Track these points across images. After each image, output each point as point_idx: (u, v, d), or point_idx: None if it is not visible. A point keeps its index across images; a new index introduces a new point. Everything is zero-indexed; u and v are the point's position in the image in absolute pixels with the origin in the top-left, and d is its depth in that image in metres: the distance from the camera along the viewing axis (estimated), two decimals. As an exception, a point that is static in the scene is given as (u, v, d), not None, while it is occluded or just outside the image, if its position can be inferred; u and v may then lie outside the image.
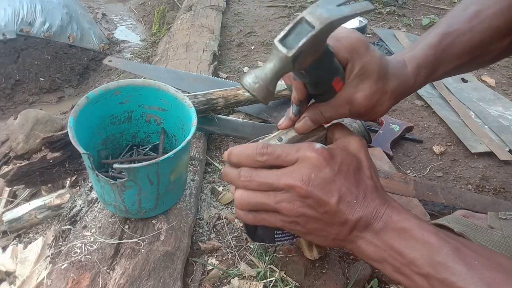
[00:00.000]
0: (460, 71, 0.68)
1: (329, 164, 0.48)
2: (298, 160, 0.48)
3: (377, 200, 0.49)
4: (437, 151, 1.10)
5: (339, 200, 0.47)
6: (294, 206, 0.48)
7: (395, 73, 0.57)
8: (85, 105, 0.79)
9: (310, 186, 0.47)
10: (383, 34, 1.83)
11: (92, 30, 2.95)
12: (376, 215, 0.48)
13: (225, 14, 2.24)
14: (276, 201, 0.49)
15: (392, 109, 1.30)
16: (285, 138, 0.58)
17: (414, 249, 0.45)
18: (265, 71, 0.47)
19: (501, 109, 1.30)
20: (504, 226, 0.63)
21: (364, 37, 0.58)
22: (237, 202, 0.52)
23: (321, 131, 0.60)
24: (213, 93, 1.10)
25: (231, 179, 0.53)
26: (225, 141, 1.16)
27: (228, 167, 0.54)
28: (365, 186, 0.50)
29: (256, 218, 0.52)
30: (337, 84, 0.55)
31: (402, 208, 0.50)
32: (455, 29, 0.61)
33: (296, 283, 0.71)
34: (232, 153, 0.52)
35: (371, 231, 0.48)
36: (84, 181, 0.97)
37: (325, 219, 0.48)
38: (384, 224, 0.48)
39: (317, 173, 0.47)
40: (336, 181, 0.47)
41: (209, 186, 0.98)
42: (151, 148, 0.95)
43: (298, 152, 0.49)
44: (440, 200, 0.89)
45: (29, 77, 2.55)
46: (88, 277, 0.68)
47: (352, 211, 0.48)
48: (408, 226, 0.47)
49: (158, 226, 0.78)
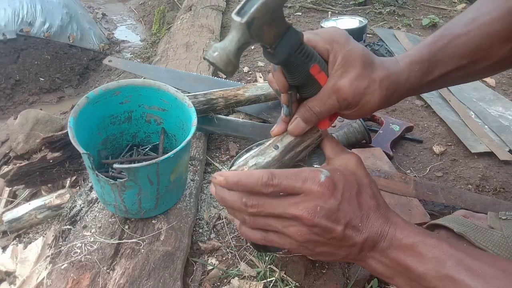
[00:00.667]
0: (462, 78, 0.66)
1: (333, 194, 0.49)
2: (304, 193, 0.49)
3: (380, 219, 0.50)
4: (437, 151, 1.10)
5: (346, 226, 0.48)
6: (302, 233, 0.49)
7: (382, 65, 0.56)
8: (85, 105, 0.79)
9: (317, 218, 0.48)
10: (383, 34, 1.83)
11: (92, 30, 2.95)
12: (381, 234, 0.49)
13: (225, 14, 2.24)
14: (283, 226, 0.50)
15: (392, 109, 1.30)
16: (281, 146, 0.58)
17: (420, 264, 0.47)
18: (224, 41, 0.49)
19: (501, 109, 1.30)
20: (504, 226, 0.63)
21: (344, 30, 0.57)
22: (245, 222, 0.52)
23: (316, 133, 0.60)
24: (213, 93, 1.10)
25: (233, 206, 0.51)
26: (225, 141, 1.16)
27: (226, 192, 0.51)
28: (367, 207, 0.51)
29: (266, 238, 0.52)
30: (318, 74, 0.55)
31: (404, 222, 0.51)
32: (451, 32, 0.61)
33: (296, 283, 0.71)
34: (229, 180, 0.49)
35: (378, 251, 0.50)
36: (84, 181, 0.97)
37: (333, 243, 0.50)
38: (390, 242, 0.49)
39: (322, 205, 0.48)
40: (341, 210, 0.48)
41: (209, 186, 0.98)
42: (151, 148, 0.95)
43: (304, 185, 0.49)
44: (440, 200, 0.89)
45: (29, 77, 2.55)
46: (88, 277, 0.68)
47: (359, 234, 0.49)
48: (412, 243, 0.48)
49: (158, 226, 0.78)
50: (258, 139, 1.09)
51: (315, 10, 2.27)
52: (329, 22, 1.69)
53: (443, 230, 0.65)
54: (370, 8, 2.27)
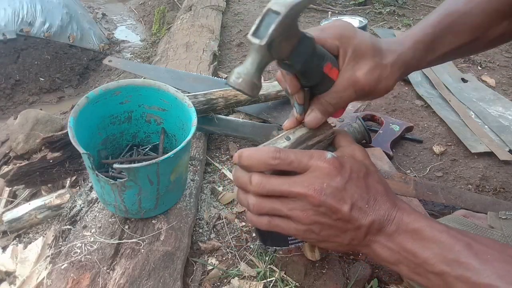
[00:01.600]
0: (461, 54, 0.68)
1: (340, 173, 0.49)
2: (310, 169, 0.49)
3: (388, 203, 0.50)
4: (437, 151, 1.10)
5: (352, 207, 0.48)
6: (308, 214, 0.49)
7: (389, 49, 0.57)
8: (85, 105, 0.79)
9: (323, 196, 0.47)
10: (383, 34, 1.83)
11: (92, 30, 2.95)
12: (388, 218, 0.49)
13: (225, 14, 2.24)
14: (289, 208, 0.49)
15: (392, 109, 1.30)
16: (293, 137, 0.58)
17: (427, 248, 0.46)
18: (245, 65, 0.48)
19: (501, 109, 1.30)
20: (504, 226, 0.63)
21: (349, 22, 0.58)
22: (249, 207, 0.52)
23: (328, 129, 0.60)
24: (213, 93, 1.10)
25: (241, 183, 0.52)
26: (225, 141, 1.16)
27: (239, 170, 0.53)
28: (375, 191, 0.50)
29: (271, 223, 0.52)
30: (331, 71, 0.55)
31: (411, 208, 0.51)
32: (454, 10, 0.62)
33: (296, 283, 0.71)
34: (242, 155, 0.51)
35: (384, 235, 0.49)
36: (84, 181, 0.97)
37: (339, 225, 0.49)
38: (396, 226, 0.49)
39: (329, 182, 0.48)
40: (347, 189, 0.48)
41: (209, 186, 0.98)
42: (151, 148, 0.95)
43: (310, 161, 0.49)
44: (440, 200, 0.89)
45: (29, 77, 2.55)
46: (88, 277, 0.68)
47: (365, 216, 0.49)
48: (419, 227, 0.48)
49: (158, 226, 0.78)
50: (258, 139, 1.10)
51: (315, 10, 2.27)
52: (329, 22, 1.69)
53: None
54: (370, 8, 2.27)
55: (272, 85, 1.19)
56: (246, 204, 0.53)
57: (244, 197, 0.53)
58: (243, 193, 0.53)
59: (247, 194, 0.52)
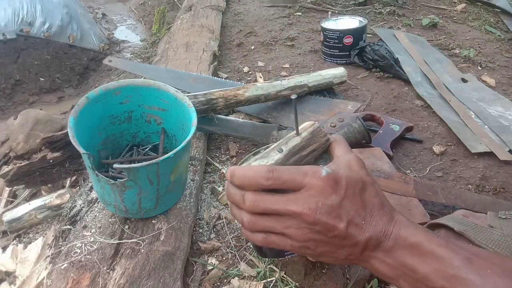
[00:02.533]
0: None
1: (335, 190, 0.48)
2: (305, 188, 0.48)
3: (384, 217, 0.49)
4: (437, 151, 1.10)
5: (348, 224, 0.47)
6: (303, 232, 0.48)
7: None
8: (85, 105, 0.79)
9: (318, 214, 0.47)
10: (383, 34, 1.83)
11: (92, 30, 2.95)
12: (385, 233, 0.48)
13: (225, 14, 2.24)
14: (283, 226, 0.49)
15: (392, 109, 1.30)
16: (285, 149, 0.57)
17: (426, 264, 0.45)
18: None
19: (501, 109, 1.30)
20: (504, 225, 0.63)
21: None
22: (244, 224, 0.52)
23: (323, 137, 0.59)
24: (213, 93, 1.10)
25: (234, 200, 0.52)
26: (225, 141, 1.16)
27: (232, 187, 0.52)
28: (372, 206, 0.50)
29: (266, 240, 0.52)
30: None
31: (408, 221, 0.50)
32: None
33: (296, 283, 0.71)
34: (235, 174, 0.50)
35: (382, 250, 0.48)
36: (84, 181, 0.97)
37: (335, 242, 0.49)
38: (394, 242, 0.48)
39: (324, 201, 0.47)
40: (343, 206, 0.48)
41: (209, 186, 0.98)
42: (151, 148, 0.95)
43: (304, 179, 0.48)
44: (440, 200, 0.89)
45: (29, 77, 2.55)
46: (88, 277, 0.68)
47: (362, 232, 0.48)
48: (417, 241, 0.47)
49: (158, 226, 0.78)
50: (258, 139, 1.10)
51: (315, 10, 2.27)
52: (329, 22, 1.69)
53: (443, 229, 0.65)
54: (370, 8, 2.27)
55: (272, 85, 1.19)
56: (240, 220, 0.52)
57: (238, 213, 0.53)
58: (236, 208, 0.53)
59: (240, 210, 0.52)
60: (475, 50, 1.69)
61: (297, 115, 0.57)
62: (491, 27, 1.97)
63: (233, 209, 0.54)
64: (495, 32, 1.90)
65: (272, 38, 1.91)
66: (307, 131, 0.60)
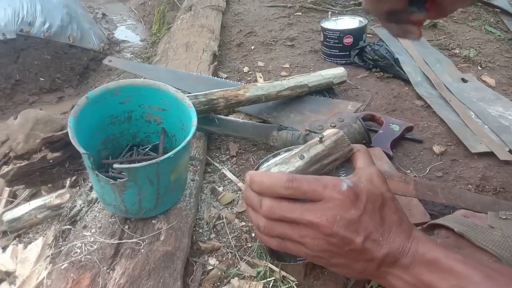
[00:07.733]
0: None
1: (355, 205, 0.47)
2: (324, 200, 0.48)
3: (402, 234, 0.49)
4: (437, 151, 1.10)
5: (365, 239, 0.47)
6: (319, 243, 0.48)
7: None
8: (85, 105, 0.79)
9: (335, 227, 0.46)
10: (383, 34, 1.83)
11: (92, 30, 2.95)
12: (403, 250, 0.48)
13: (225, 14, 2.24)
14: (299, 235, 0.49)
15: (392, 109, 1.30)
16: (307, 156, 0.56)
17: (444, 280, 0.45)
18: None
19: (501, 109, 1.30)
20: (504, 226, 0.62)
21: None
22: (260, 229, 0.52)
23: (346, 146, 0.58)
24: (214, 94, 1.10)
25: (251, 205, 0.52)
26: (225, 141, 1.16)
27: (250, 191, 0.52)
28: (390, 222, 0.49)
29: (281, 245, 0.52)
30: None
31: (427, 237, 0.50)
32: None
33: (296, 283, 0.71)
34: (254, 180, 0.51)
35: (399, 267, 0.48)
36: (84, 181, 0.97)
37: (351, 255, 0.48)
38: (412, 259, 0.47)
39: (342, 215, 0.47)
40: (361, 221, 0.47)
41: (209, 186, 0.98)
42: (151, 148, 0.95)
43: (325, 191, 0.48)
44: (440, 200, 0.89)
45: (29, 77, 2.55)
46: (88, 277, 0.68)
47: (379, 248, 0.47)
48: (435, 257, 0.46)
49: (158, 226, 0.78)
50: (258, 139, 1.09)
51: (315, 10, 2.27)
52: (329, 22, 1.69)
53: (443, 229, 0.65)
54: (370, 8, 2.26)
55: (273, 85, 1.19)
56: (256, 224, 0.52)
57: (254, 217, 0.53)
58: (253, 212, 0.53)
59: (257, 214, 0.52)
60: (475, 50, 1.69)
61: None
62: (491, 27, 1.97)
63: (249, 212, 0.54)
64: (495, 32, 1.90)
65: (272, 38, 1.91)
66: (331, 139, 0.58)
